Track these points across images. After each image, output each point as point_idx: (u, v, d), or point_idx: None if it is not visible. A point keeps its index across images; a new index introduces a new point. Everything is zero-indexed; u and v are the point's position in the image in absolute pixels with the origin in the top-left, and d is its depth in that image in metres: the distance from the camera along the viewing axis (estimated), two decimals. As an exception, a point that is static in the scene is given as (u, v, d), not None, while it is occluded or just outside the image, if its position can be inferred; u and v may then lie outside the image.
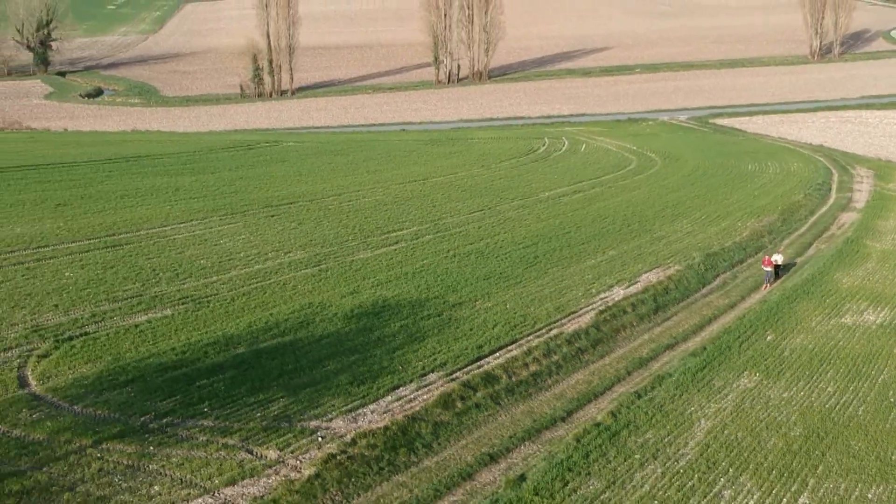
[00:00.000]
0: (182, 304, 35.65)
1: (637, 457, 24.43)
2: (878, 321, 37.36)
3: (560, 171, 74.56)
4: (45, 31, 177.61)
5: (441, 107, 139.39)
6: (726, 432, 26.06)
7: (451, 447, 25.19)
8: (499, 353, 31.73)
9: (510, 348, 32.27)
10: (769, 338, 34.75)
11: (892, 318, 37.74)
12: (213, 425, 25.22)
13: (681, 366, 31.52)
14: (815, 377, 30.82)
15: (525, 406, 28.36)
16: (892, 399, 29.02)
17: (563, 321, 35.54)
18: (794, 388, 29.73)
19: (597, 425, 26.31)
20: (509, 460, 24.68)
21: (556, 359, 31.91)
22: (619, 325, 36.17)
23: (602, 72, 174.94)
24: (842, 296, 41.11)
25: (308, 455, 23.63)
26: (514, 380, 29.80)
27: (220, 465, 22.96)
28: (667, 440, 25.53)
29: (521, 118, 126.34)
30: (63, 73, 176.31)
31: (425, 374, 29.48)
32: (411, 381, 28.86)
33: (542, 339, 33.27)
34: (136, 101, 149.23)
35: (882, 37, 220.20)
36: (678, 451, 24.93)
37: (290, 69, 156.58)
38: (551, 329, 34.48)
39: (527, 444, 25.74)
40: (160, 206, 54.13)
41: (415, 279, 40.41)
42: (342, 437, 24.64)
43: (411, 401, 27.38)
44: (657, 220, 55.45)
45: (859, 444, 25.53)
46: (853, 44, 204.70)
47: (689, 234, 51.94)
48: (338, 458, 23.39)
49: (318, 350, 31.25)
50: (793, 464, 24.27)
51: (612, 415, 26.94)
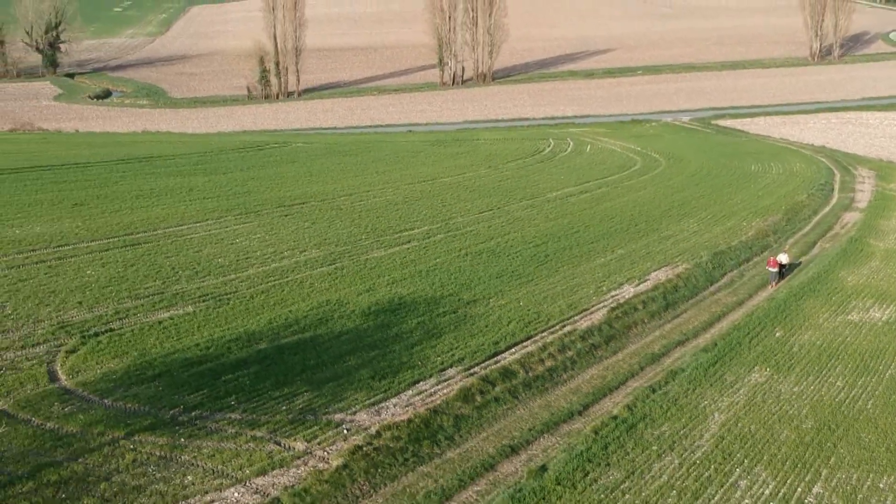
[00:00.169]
0: (203, 301, 36.13)
1: (654, 448, 24.97)
2: (883, 318, 37.85)
3: (566, 172, 75.02)
4: (54, 34, 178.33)
5: (446, 108, 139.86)
6: (740, 425, 26.58)
7: (472, 439, 25.71)
8: (514, 349, 32.23)
9: (525, 344, 32.78)
10: (778, 334, 35.25)
11: (897, 316, 38.26)
12: (241, 418, 25.73)
13: (693, 361, 32.04)
14: (824, 372, 31.34)
15: (542, 400, 28.87)
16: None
17: (575, 318, 36.04)
18: (805, 383, 30.25)
19: (614, 418, 26.84)
20: (530, 452, 25.20)
21: (570, 354, 32.43)
22: (630, 322, 36.67)
23: (604, 73, 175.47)
24: (847, 293, 41.59)
25: (335, 447, 24.14)
26: (530, 375, 30.31)
27: (251, 456, 23.47)
28: (682, 432, 26.06)
29: (526, 119, 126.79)
30: (71, 75, 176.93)
31: (444, 369, 29.99)
32: (431, 376, 29.37)
33: (557, 335, 33.78)
34: (144, 102, 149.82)
35: (881, 39, 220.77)
36: (694, 442, 25.46)
37: (297, 71, 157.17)
38: (565, 326, 34.98)
39: (546, 436, 26.25)
40: (175, 205, 54.61)
41: (429, 277, 40.89)
42: (367, 429, 25.15)
43: (432, 395, 27.89)
44: (664, 219, 55.92)
45: (870, 437, 26.06)
46: (852, 46, 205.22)
47: (695, 233, 52.41)
48: (364, 449, 23.91)
49: (339, 346, 31.74)
50: (806, 455, 24.80)
51: (628, 408, 27.46)
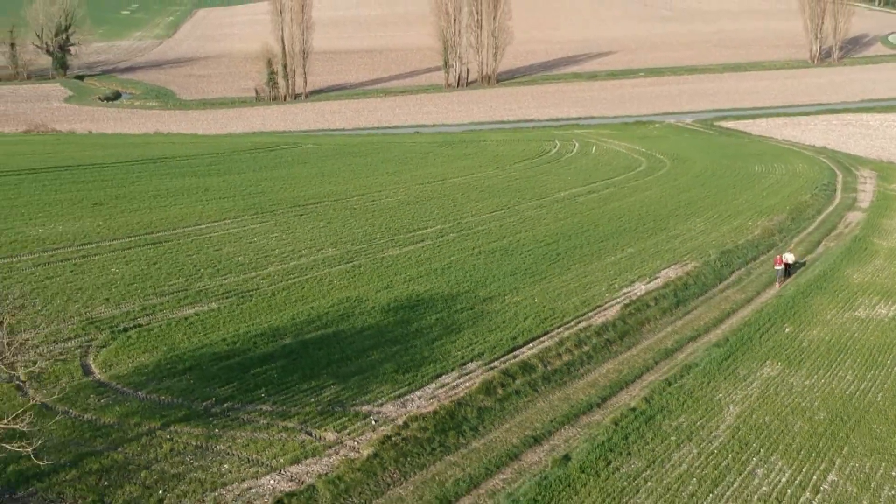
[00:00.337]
0: (226, 298, 36.74)
1: (673, 438, 25.59)
2: (890, 314, 38.45)
3: (573, 172, 75.58)
4: (64, 36, 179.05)
5: (452, 110, 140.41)
6: (754, 416, 27.20)
7: (495, 430, 26.34)
8: (532, 344, 32.86)
9: (542, 339, 33.40)
10: (787, 330, 35.86)
11: (903, 312, 38.85)
12: (272, 409, 26.35)
13: (706, 356, 32.66)
14: (833, 366, 31.96)
15: (561, 393, 29.49)
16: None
17: (590, 314, 36.66)
18: (815, 377, 30.87)
19: (632, 410, 27.47)
20: (552, 442, 25.82)
21: (586, 349, 33.05)
22: (643, 318, 37.28)
23: (607, 75, 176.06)
24: (853, 291, 42.18)
25: (364, 437, 24.76)
26: (549, 369, 30.92)
27: (283, 446, 24.09)
28: (699, 423, 26.69)
29: (531, 121, 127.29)
30: (81, 77, 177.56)
31: (465, 363, 30.62)
32: (453, 370, 30.00)
33: (572, 330, 34.40)
34: (153, 104, 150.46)
35: (880, 41, 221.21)
36: (711, 433, 26.09)
37: (304, 73, 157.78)
38: (580, 322, 35.60)
39: (566, 427, 26.87)
40: (192, 205, 55.22)
41: (444, 275, 41.48)
42: (394, 420, 25.77)
43: (454, 388, 28.50)
44: (671, 218, 56.51)
45: (880, 427, 26.68)
46: (852, 48, 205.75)
47: (702, 232, 52.99)
48: (393, 439, 24.53)
49: (361, 341, 32.35)
50: (819, 445, 25.43)
51: (646, 400, 28.09)
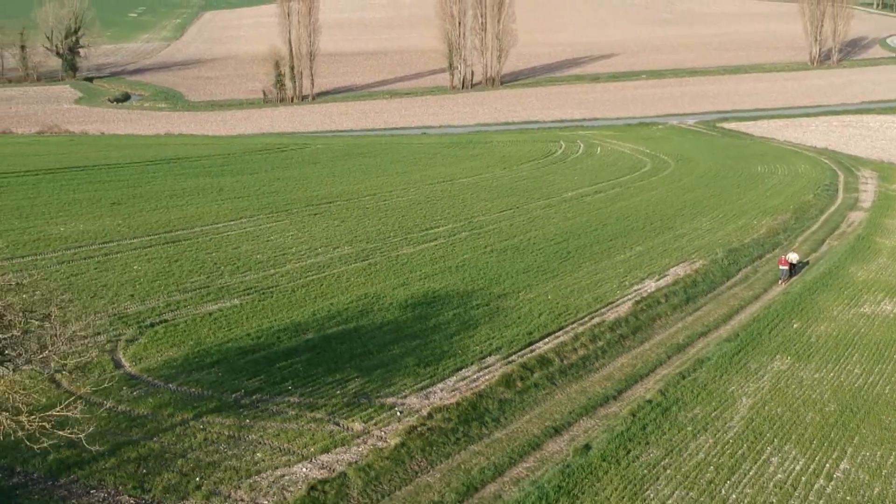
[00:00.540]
0: (247, 294, 37.34)
1: (689, 429, 26.19)
2: (895, 311, 39.00)
3: (579, 173, 76.17)
4: (74, 39, 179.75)
5: (457, 111, 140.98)
6: (767, 408, 27.79)
7: (516, 421, 26.94)
8: (548, 339, 33.45)
9: (557, 334, 33.99)
10: (795, 325, 36.43)
11: (907, 309, 39.43)
12: (299, 401, 26.94)
13: (717, 350, 33.26)
14: (841, 360, 32.56)
15: (578, 386, 30.08)
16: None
17: (602, 310, 37.24)
18: (824, 370, 31.46)
19: (648, 402, 28.07)
20: (572, 432, 26.42)
21: (601, 344, 33.65)
22: (654, 315, 37.87)
23: (610, 78, 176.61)
24: (858, 288, 42.75)
25: (390, 427, 25.35)
26: (565, 362, 31.52)
27: (313, 436, 24.69)
28: (714, 415, 27.30)
29: (535, 122, 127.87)
30: (90, 79, 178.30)
31: (484, 358, 31.21)
32: (472, 364, 30.59)
33: (586, 326, 35.00)
34: (163, 105, 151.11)
35: (879, 44, 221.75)
36: (725, 424, 26.69)
37: (311, 75, 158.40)
38: (593, 318, 36.19)
39: (585, 418, 27.47)
40: (208, 204, 55.84)
41: (459, 272, 42.06)
42: (418, 411, 26.36)
43: (475, 381, 29.10)
44: (677, 218, 57.08)
45: (890, 418, 27.26)
46: (851, 51, 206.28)
47: (709, 231, 53.55)
48: (419, 429, 25.13)
49: (382, 336, 32.94)
50: (831, 435, 26.03)
51: (661, 393, 28.69)
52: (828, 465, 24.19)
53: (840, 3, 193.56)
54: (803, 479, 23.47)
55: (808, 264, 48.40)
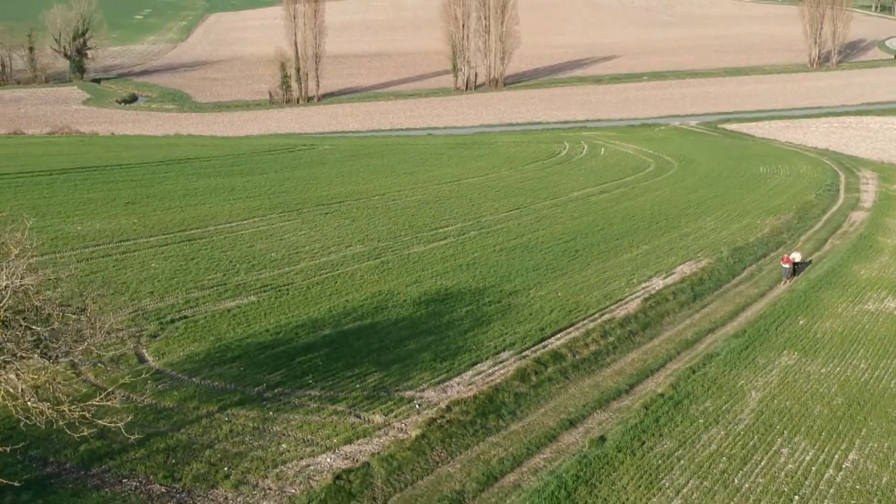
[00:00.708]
0: (264, 291, 37.83)
1: (701, 421, 26.69)
2: (898, 308, 39.52)
3: (584, 173, 76.64)
4: (81, 41, 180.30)
5: (462, 112, 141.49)
6: (776, 401, 28.29)
7: (532, 414, 27.43)
8: (560, 335, 33.93)
9: (569, 331, 34.47)
10: (801, 322, 36.92)
11: (910, 306, 39.91)
12: (320, 394, 27.43)
13: (725, 346, 33.75)
14: (847, 356, 33.04)
15: (591, 380, 30.58)
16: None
17: (611, 307, 37.72)
18: (831, 365, 31.95)
19: (660, 395, 28.57)
20: (586, 425, 26.91)
21: (611, 340, 34.14)
22: (663, 311, 38.35)
23: (612, 79, 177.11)
24: (862, 286, 43.22)
25: (410, 420, 25.84)
26: (577, 358, 32.01)
27: (335, 428, 25.18)
28: (724, 408, 27.79)
29: (539, 123, 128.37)
30: (98, 80, 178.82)
31: (498, 353, 31.70)
32: (487, 359, 31.08)
33: (597, 322, 35.49)
34: (170, 106, 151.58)
35: (877, 46, 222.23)
36: (736, 416, 27.18)
37: (317, 76, 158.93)
38: (603, 314, 36.67)
39: (598, 411, 27.96)
40: (221, 204, 56.33)
41: (469, 270, 42.55)
42: (437, 404, 26.85)
43: (490, 375, 29.59)
44: (682, 217, 57.56)
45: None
46: (850, 53, 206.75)
47: (713, 230, 54.02)
48: (438, 421, 25.63)
49: (397, 332, 33.43)
50: (839, 427, 26.53)
51: (672, 387, 29.18)
52: (837, 456, 24.70)
53: (839, 6, 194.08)
54: (813, 468, 23.99)
55: (810, 263, 48.84)
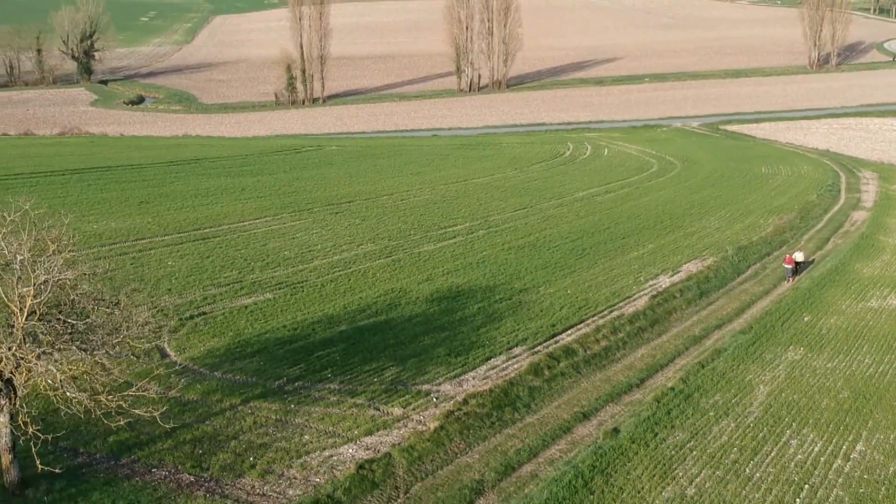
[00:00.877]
0: (279, 289, 38.32)
1: (711, 414, 27.20)
2: (901, 305, 39.98)
3: (589, 174, 77.11)
4: (89, 42, 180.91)
5: (466, 114, 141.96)
6: (784, 395, 28.79)
7: (546, 407, 27.93)
8: (570, 331, 34.43)
9: (579, 327, 34.97)
10: (806, 319, 37.41)
11: (912, 303, 40.39)
12: (339, 388, 27.93)
13: (733, 342, 34.25)
14: (852, 351, 33.54)
15: (602, 375, 31.07)
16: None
17: (620, 304, 38.22)
18: (836, 360, 32.45)
19: (671, 389, 29.08)
20: (599, 417, 27.41)
21: (621, 336, 34.64)
22: (670, 308, 38.84)
23: (614, 81, 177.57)
24: (864, 283, 43.68)
25: (428, 412, 26.34)
26: (588, 353, 32.52)
27: (356, 420, 25.68)
28: (734, 401, 28.30)
29: (543, 124, 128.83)
30: (105, 82, 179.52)
31: (511, 348, 32.21)
32: (500, 354, 31.59)
33: (606, 318, 35.99)
34: (177, 107, 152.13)
35: (876, 49, 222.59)
36: (745, 409, 27.68)
37: (322, 78, 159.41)
38: (612, 311, 37.17)
39: (611, 405, 28.46)
40: (233, 204, 56.81)
41: (479, 268, 43.03)
42: (453, 397, 27.35)
43: (504, 369, 30.10)
44: (686, 217, 58.04)
45: (901, 405, 28.29)
46: (849, 55, 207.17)
47: (717, 229, 54.48)
48: (456, 413, 26.13)
49: (412, 328, 33.93)
50: (846, 419, 27.04)
51: (683, 381, 29.69)
52: (844, 447, 25.20)
53: (839, 9, 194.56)
54: (822, 459, 24.50)
55: (813, 263, 49.31)
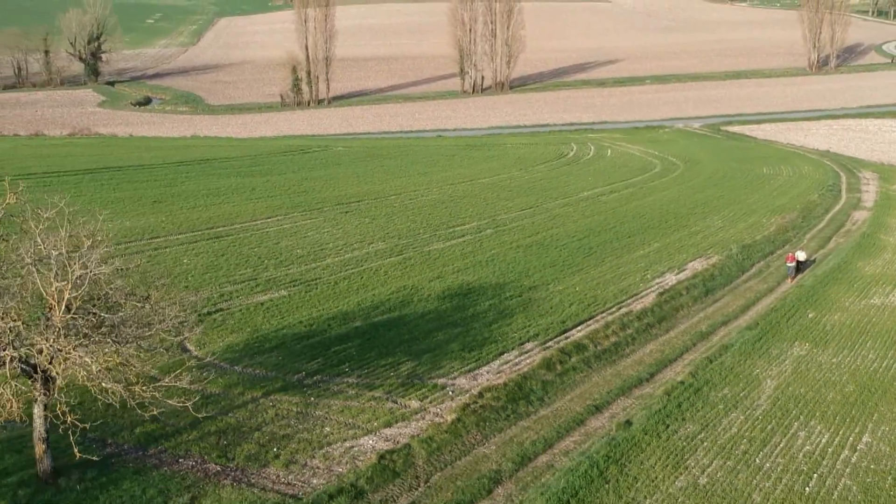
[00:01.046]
0: (293, 286, 38.83)
1: (720, 407, 27.71)
2: (903, 302, 40.45)
3: (593, 174, 77.55)
4: (96, 44, 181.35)
5: (470, 115, 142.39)
6: (790, 389, 29.30)
7: (559, 400, 28.44)
8: (580, 327, 34.94)
9: (589, 323, 35.48)
10: (811, 315, 37.89)
11: (914, 300, 40.87)
12: (357, 381, 28.44)
13: (739, 337, 34.75)
14: (856, 346, 34.04)
15: (612, 369, 31.59)
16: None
17: (628, 301, 38.71)
18: (841, 355, 32.95)
19: (681, 383, 29.59)
20: (612, 410, 27.93)
21: (630, 332, 35.15)
22: (677, 305, 39.34)
23: (615, 83, 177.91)
24: (867, 281, 44.16)
25: (444, 405, 26.84)
26: (599, 348, 33.03)
27: (374, 412, 26.19)
28: (742, 394, 28.80)
29: (546, 125, 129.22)
30: (112, 83, 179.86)
31: (523, 343, 32.72)
32: (513, 349, 32.10)
33: (615, 315, 36.49)
34: (184, 108, 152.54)
35: (874, 50, 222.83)
36: (754, 402, 28.19)
37: (328, 79, 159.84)
38: (620, 308, 37.66)
39: (622, 398, 28.97)
40: (244, 203, 57.29)
41: (489, 266, 43.52)
42: (469, 391, 27.85)
43: (517, 364, 30.60)
44: (690, 216, 58.50)
45: (905, 399, 28.78)
46: (848, 57, 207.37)
47: (721, 228, 54.95)
48: (472, 406, 26.64)
49: (425, 324, 34.43)
50: (852, 412, 27.54)
51: (692, 375, 30.20)
52: (851, 439, 25.71)
53: (838, 11, 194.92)
54: (830, 450, 25.00)
55: (815, 261, 49.77)
